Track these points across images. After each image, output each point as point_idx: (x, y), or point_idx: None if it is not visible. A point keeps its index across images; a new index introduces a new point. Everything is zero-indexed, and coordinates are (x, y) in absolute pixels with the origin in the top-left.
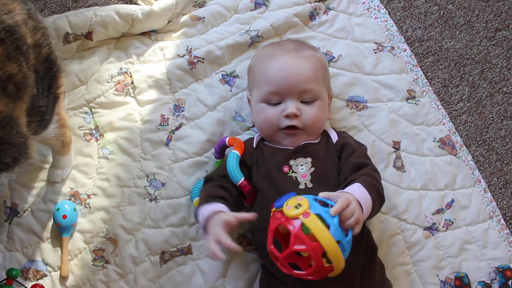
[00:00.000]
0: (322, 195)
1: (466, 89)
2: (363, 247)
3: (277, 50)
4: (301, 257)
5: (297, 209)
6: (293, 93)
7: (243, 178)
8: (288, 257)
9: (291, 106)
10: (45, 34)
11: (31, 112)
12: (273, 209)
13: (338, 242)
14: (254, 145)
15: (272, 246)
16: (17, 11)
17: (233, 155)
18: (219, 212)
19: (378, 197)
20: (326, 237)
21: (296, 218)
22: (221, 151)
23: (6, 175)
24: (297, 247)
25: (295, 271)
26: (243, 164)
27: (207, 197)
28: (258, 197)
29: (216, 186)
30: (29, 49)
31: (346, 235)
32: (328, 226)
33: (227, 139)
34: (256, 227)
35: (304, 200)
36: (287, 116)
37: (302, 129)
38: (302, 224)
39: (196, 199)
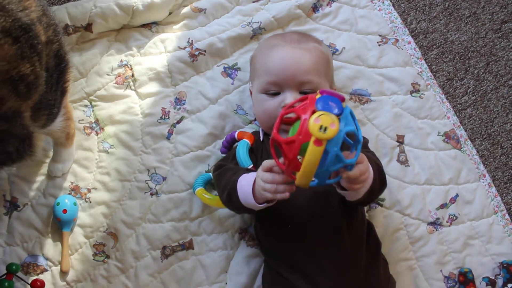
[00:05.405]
0: None
1: (471, 82)
2: (365, 242)
3: (280, 41)
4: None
5: (321, 131)
6: (292, 84)
7: (252, 165)
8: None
9: (289, 97)
10: (56, 30)
11: (40, 106)
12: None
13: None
14: (261, 139)
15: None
16: (32, 8)
17: (244, 142)
18: None
19: (378, 174)
20: (310, 166)
21: (310, 135)
22: (229, 146)
23: (7, 169)
24: (287, 116)
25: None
26: (251, 154)
27: (240, 170)
28: None
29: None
30: (42, 47)
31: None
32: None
33: (236, 133)
34: (260, 221)
35: (334, 129)
36: None
37: None
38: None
39: (199, 189)
